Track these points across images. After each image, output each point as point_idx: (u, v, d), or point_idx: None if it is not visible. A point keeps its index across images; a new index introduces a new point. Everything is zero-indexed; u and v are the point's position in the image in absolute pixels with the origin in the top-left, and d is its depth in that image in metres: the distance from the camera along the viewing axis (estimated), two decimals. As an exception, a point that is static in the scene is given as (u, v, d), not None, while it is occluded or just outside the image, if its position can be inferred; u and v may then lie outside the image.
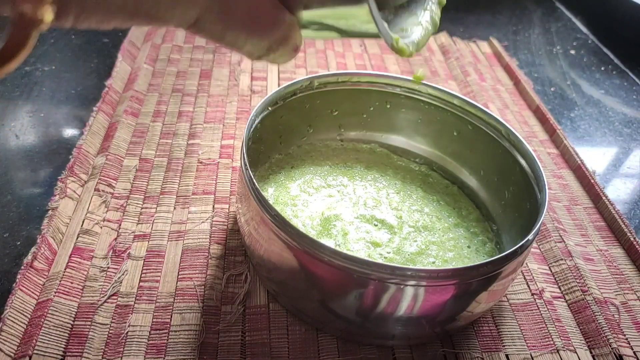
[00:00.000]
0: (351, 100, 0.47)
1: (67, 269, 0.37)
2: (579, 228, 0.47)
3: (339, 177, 0.45)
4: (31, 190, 0.45)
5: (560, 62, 0.75)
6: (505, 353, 0.36)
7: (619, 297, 0.41)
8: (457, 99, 0.44)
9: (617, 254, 0.45)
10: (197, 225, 0.43)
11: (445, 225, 0.42)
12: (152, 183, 0.46)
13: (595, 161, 0.57)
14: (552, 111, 0.63)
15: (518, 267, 0.35)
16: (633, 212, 0.51)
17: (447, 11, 0.33)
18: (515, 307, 0.40)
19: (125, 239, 0.41)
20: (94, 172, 0.46)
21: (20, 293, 0.35)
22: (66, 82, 0.58)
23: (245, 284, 0.38)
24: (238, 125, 0.53)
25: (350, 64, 0.66)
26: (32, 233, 0.41)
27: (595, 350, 0.37)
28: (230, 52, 0.65)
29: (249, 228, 0.36)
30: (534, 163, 0.39)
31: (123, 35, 0.66)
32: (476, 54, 0.73)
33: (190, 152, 0.49)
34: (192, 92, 0.57)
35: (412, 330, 0.34)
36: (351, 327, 0.34)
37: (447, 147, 0.48)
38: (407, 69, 0.67)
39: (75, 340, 0.34)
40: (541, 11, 0.90)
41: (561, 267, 0.43)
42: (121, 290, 0.37)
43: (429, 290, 0.31)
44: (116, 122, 0.51)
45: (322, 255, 0.30)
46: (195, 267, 0.39)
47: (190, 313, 0.36)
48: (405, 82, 0.46)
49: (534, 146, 0.56)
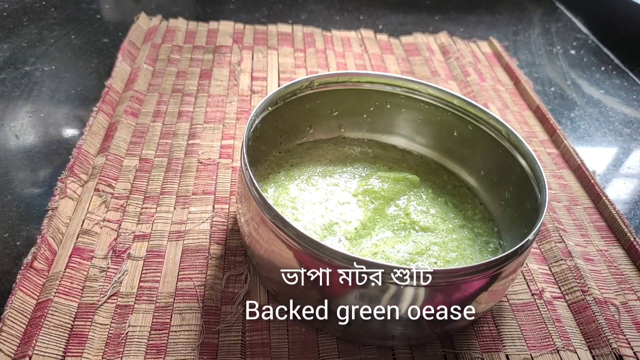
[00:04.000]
0: (351, 100, 0.47)
1: (67, 269, 0.37)
2: (579, 228, 0.47)
3: (339, 178, 0.45)
4: (31, 190, 0.45)
5: (560, 62, 0.75)
6: (505, 353, 0.36)
7: (619, 298, 0.41)
8: (457, 99, 0.44)
9: (617, 254, 0.45)
10: (197, 226, 0.43)
11: (449, 226, 0.42)
12: (152, 183, 0.46)
13: (595, 161, 0.57)
14: (552, 111, 0.63)
15: (518, 267, 0.35)
16: (633, 212, 0.51)
17: (447, 11, 0.33)
18: (515, 307, 0.40)
19: (125, 239, 0.41)
20: (94, 172, 0.46)
21: (20, 293, 0.35)
22: (66, 82, 0.58)
23: (245, 284, 0.38)
24: (238, 125, 0.53)
25: (350, 64, 0.66)
26: (32, 233, 0.41)
27: (596, 351, 0.37)
28: (230, 52, 0.65)
29: (249, 228, 0.36)
30: (534, 163, 0.39)
31: (123, 35, 0.66)
32: (476, 54, 0.73)
33: (190, 152, 0.49)
34: (192, 92, 0.57)
35: (412, 330, 0.34)
36: (351, 327, 0.34)
37: (447, 147, 0.48)
38: (407, 69, 0.67)
39: (75, 340, 0.34)
40: (541, 11, 0.90)
41: (561, 267, 0.43)
42: (121, 290, 0.37)
43: (429, 290, 0.31)
44: (116, 122, 0.51)
45: (322, 256, 0.30)
46: (195, 267, 0.39)
47: (190, 313, 0.36)
48: (405, 82, 0.46)
49: (534, 146, 0.56)
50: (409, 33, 0.75)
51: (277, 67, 0.63)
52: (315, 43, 0.69)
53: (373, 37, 0.73)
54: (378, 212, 0.42)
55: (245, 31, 0.69)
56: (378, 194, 0.43)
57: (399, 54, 0.70)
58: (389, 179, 0.45)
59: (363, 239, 0.40)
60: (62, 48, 0.64)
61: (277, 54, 0.66)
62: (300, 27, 0.72)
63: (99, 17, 0.71)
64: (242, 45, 0.66)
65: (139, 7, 0.74)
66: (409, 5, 0.85)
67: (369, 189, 0.44)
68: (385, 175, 0.45)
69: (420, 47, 0.72)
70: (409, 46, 0.72)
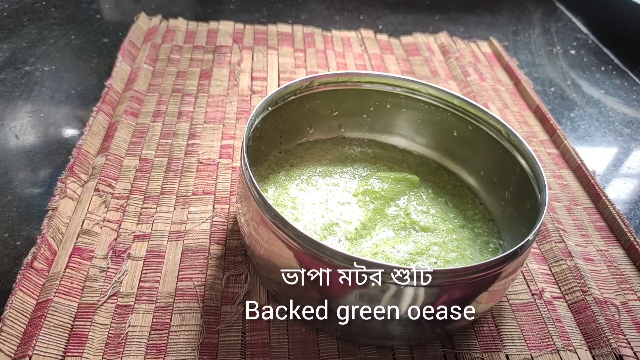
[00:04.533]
0: (351, 100, 0.47)
1: (67, 269, 0.37)
2: (579, 228, 0.47)
3: (339, 178, 0.45)
4: (31, 190, 0.45)
5: (560, 62, 0.75)
6: (505, 353, 0.36)
7: (619, 298, 0.41)
8: (457, 99, 0.44)
9: (617, 254, 0.45)
10: (197, 226, 0.43)
11: (449, 226, 0.42)
12: (152, 183, 0.46)
13: (595, 161, 0.57)
14: (552, 111, 0.63)
15: (518, 267, 0.35)
16: (633, 212, 0.51)
17: (447, 11, 0.33)
18: (516, 307, 0.40)
19: (125, 239, 0.41)
20: (94, 172, 0.46)
21: (20, 293, 0.35)
22: (66, 82, 0.58)
23: (245, 284, 0.38)
24: (238, 125, 0.53)
25: (350, 64, 0.66)
26: (32, 233, 0.41)
27: (596, 351, 0.37)
28: (230, 52, 0.65)
29: (249, 228, 0.36)
30: (534, 163, 0.39)
31: (123, 35, 0.66)
32: (476, 54, 0.73)
33: (190, 152, 0.49)
34: (192, 92, 0.57)
35: (412, 330, 0.34)
36: (351, 327, 0.34)
37: (447, 147, 0.48)
38: (407, 69, 0.67)
39: (75, 340, 0.34)
40: (541, 11, 0.90)
41: (561, 267, 0.43)
42: (121, 290, 0.37)
43: (429, 290, 0.31)
44: (116, 122, 0.51)
45: (322, 256, 0.30)
46: (195, 267, 0.39)
47: (190, 313, 0.36)
48: (405, 82, 0.46)
49: (534, 146, 0.56)
50: (409, 33, 0.75)
51: (277, 67, 0.63)
52: (315, 43, 0.69)
53: (373, 37, 0.73)
54: (378, 212, 0.42)
55: (245, 31, 0.69)
56: (378, 194, 0.43)
57: (399, 54, 0.70)
58: (389, 179, 0.45)
59: (363, 239, 0.40)
60: (62, 48, 0.64)
61: (277, 54, 0.66)
62: (300, 27, 0.72)
63: (99, 17, 0.71)
64: (242, 45, 0.66)
65: (139, 7, 0.74)
66: (409, 5, 0.85)
67: (369, 189, 0.44)
68: (385, 176, 0.45)
69: (420, 47, 0.72)
70: (409, 46, 0.72)
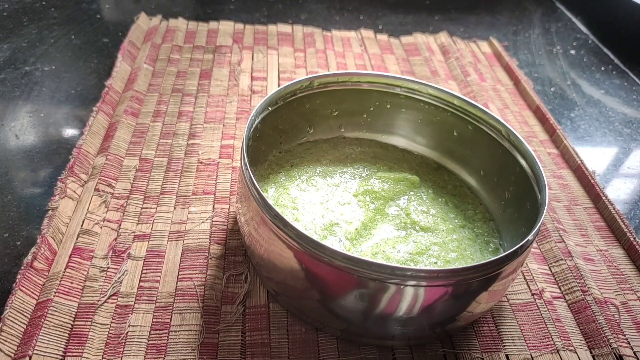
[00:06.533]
0: (351, 101, 0.47)
1: (67, 269, 0.37)
2: (579, 228, 0.47)
3: (339, 178, 0.45)
4: (31, 190, 0.45)
5: (560, 62, 0.75)
6: (505, 353, 0.36)
7: (619, 297, 0.41)
8: (457, 99, 0.44)
9: (617, 254, 0.45)
10: (197, 226, 0.43)
11: (450, 226, 0.42)
12: (152, 183, 0.46)
13: (595, 161, 0.57)
14: (552, 111, 0.63)
15: (518, 267, 0.35)
16: (633, 212, 0.51)
17: (447, 11, 0.33)
18: (515, 307, 0.40)
19: (125, 239, 0.41)
20: (94, 172, 0.46)
21: (20, 293, 0.35)
22: (66, 82, 0.58)
23: (245, 284, 0.38)
24: (238, 125, 0.53)
25: (350, 64, 0.66)
26: (32, 233, 0.41)
27: (595, 351, 0.37)
28: (230, 52, 0.65)
29: (249, 228, 0.36)
30: (534, 163, 0.39)
31: (123, 35, 0.66)
32: (476, 54, 0.73)
33: (190, 152, 0.49)
34: (192, 92, 0.57)
35: (412, 330, 0.34)
36: (351, 327, 0.34)
37: (447, 147, 0.48)
38: (407, 69, 0.67)
39: (75, 340, 0.34)
40: (541, 11, 0.90)
41: (561, 267, 0.43)
42: (121, 290, 0.37)
43: (428, 290, 0.31)
44: (116, 122, 0.51)
45: (322, 256, 0.30)
46: (195, 267, 0.39)
47: (190, 313, 0.36)
48: (405, 82, 0.46)
49: (534, 146, 0.56)
50: (409, 33, 0.75)
51: (277, 67, 0.63)
52: (315, 43, 0.69)
53: (373, 37, 0.73)
54: (378, 212, 0.42)
55: (245, 31, 0.69)
56: (378, 194, 0.43)
57: (399, 54, 0.70)
58: (389, 179, 0.45)
59: (363, 239, 0.40)
60: (62, 48, 0.64)
61: (277, 54, 0.66)
62: (300, 27, 0.72)
63: (99, 17, 0.71)
64: (242, 45, 0.66)
65: (139, 7, 0.74)
66: (409, 5, 0.85)
67: (370, 189, 0.44)
68: (385, 176, 0.45)
69: (420, 47, 0.72)
70: (409, 46, 0.72)
